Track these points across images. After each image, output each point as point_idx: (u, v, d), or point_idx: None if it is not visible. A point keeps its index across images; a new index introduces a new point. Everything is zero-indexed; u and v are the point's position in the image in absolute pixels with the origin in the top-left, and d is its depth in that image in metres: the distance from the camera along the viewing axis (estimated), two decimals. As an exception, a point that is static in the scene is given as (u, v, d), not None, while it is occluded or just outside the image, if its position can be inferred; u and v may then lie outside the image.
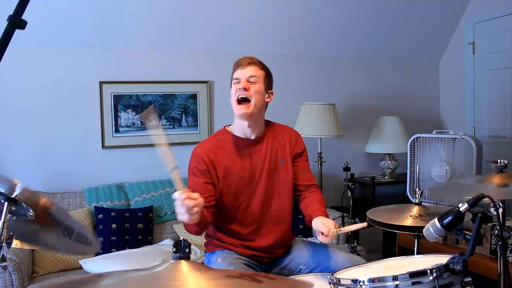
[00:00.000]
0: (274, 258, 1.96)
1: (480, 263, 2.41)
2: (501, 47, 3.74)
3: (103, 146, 3.23)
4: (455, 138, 3.02)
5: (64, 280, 0.92)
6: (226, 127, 1.97)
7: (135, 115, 3.31)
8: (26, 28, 0.84)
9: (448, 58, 4.32)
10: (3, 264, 1.17)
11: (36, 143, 3.06)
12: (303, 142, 2.03)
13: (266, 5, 3.39)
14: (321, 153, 3.59)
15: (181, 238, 0.99)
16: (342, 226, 3.03)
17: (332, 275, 1.35)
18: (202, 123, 3.50)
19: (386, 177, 3.86)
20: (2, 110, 2.97)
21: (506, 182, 1.51)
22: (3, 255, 1.17)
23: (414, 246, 1.94)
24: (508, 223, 2.25)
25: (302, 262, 1.92)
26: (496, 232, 1.35)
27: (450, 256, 1.25)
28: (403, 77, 4.27)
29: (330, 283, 1.33)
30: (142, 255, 2.67)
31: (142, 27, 3.20)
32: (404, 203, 2.05)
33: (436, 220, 1.33)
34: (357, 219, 2.53)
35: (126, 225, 2.86)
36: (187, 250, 0.97)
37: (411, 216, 1.87)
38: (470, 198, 1.29)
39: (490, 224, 2.52)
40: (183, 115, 3.46)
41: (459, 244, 2.66)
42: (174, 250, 0.97)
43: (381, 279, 1.23)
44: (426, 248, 2.52)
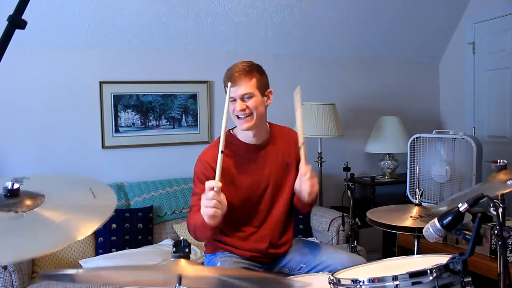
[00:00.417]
0: (275, 259, 1.96)
1: (480, 263, 2.41)
2: (501, 47, 3.74)
3: (103, 146, 3.23)
4: (455, 138, 3.02)
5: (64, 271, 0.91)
6: (230, 131, 1.94)
7: (135, 115, 3.31)
8: (26, 28, 0.84)
9: (448, 58, 4.32)
10: (3, 264, 1.17)
11: (36, 143, 3.06)
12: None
13: (266, 5, 3.39)
14: (321, 153, 3.59)
15: (181, 238, 0.99)
16: (342, 225, 3.03)
17: (332, 275, 1.35)
18: (202, 123, 3.50)
19: (386, 177, 3.86)
20: (2, 110, 2.97)
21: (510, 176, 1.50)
22: (3, 255, 1.17)
23: (414, 246, 1.93)
24: (508, 223, 2.25)
25: (302, 260, 1.93)
26: (496, 232, 1.35)
27: (450, 256, 1.25)
28: (403, 77, 4.27)
29: (330, 283, 1.33)
30: (142, 255, 2.67)
31: (142, 27, 3.20)
32: (404, 203, 2.05)
33: (436, 220, 1.33)
34: (357, 219, 2.53)
35: (126, 225, 2.86)
36: (187, 250, 0.98)
37: (411, 217, 1.87)
38: (470, 198, 1.29)
39: (490, 224, 2.52)
40: (183, 115, 3.46)
41: (459, 244, 2.66)
42: (174, 250, 0.97)
43: (381, 279, 1.23)
44: (426, 248, 2.51)
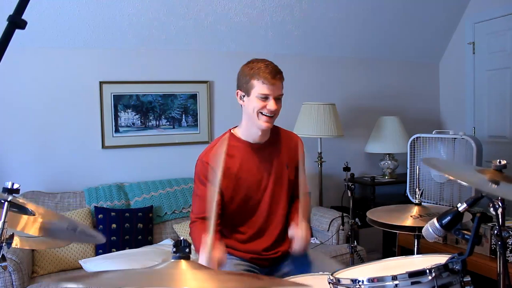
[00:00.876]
0: (274, 261, 1.95)
1: (479, 263, 2.41)
2: (501, 47, 3.74)
3: (103, 146, 3.23)
4: (455, 138, 3.02)
5: (65, 276, 0.92)
6: (231, 131, 1.92)
7: (135, 115, 3.32)
8: (26, 28, 0.84)
9: (448, 58, 4.33)
10: (3, 264, 1.17)
11: (36, 143, 3.07)
12: (304, 150, 2.03)
13: (266, 5, 3.39)
14: (321, 153, 3.59)
15: (181, 238, 0.99)
16: (342, 225, 3.03)
17: (331, 275, 1.35)
18: (202, 123, 3.50)
19: (386, 177, 3.86)
20: (2, 110, 2.98)
21: (496, 179, 1.50)
22: (3, 255, 1.17)
23: (414, 246, 1.94)
24: (507, 223, 2.25)
25: (303, 270, 1.92)
26: (495, 232, 1.35)
27: (450, 256, 1.25)
28: (403, 77, 4.27)
29: (329, 283, 1.33)
30: (142, 255, 2.67)
31: (142, 27, 3.21)
32: (404, 203, 2.05)
33: (435, 220, 1.33)
34: (357, 219, 2.53)
35: (126, 225, 2.86)
36: (187, 250, 0.98)
37: (412, 216, 1.87)
38: (469, 198, 1.29)
39: (490, 224, 2.52)
40: (183, 115, 3.46)
41: (459, 244, 2.66)
42: (174, 250, 0.97)
43: (380, 279, 1.23)
44: (426, 248, 2.52)
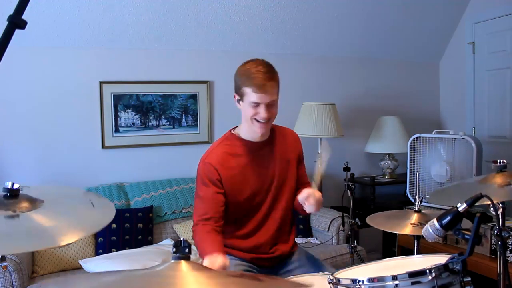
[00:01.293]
0: (274, 261, 1.95)
1: (480, 263, 2.41)
2: (501, 47, 3.74)
3: (103, 146, 3.23)
4: (455, 138, 3.02)
5: (64, 278, 0.92)
6: (231, 131, 1.93)
7: (135, 115, 3.32)
8: (26, 28, 0.84)
9: (448, 58, 4.33)
10: (3, 264, 1.17)
11: (36, 143, 3.07)
12: (301, 144, 2.07)
13: (266, 5, 3.39)
14: (321, 153, 3.59)
15: (181, 238, 0.99)
16: (342, 225, 3.03)
17: (331, 275, 1.35)
18: (202, 123, 3.50)
19: (386, 177, 3.86)
20: (2, 110, 2.97)
21: (507, 182, 1.51)
22: (3, 255, 1.17)
23: (414, 246, 1.93)
24: (507, 223, 2.25)
25: (304, 264, 1.92)
26: (495, 232, 1.35)
27: (450, 256, 1.25)
28: (403, 77, 4.27)
29: (329, 283, 1.33)
30: (142, 255, 2.67)
31: (142, 27, 3.21)
32: (404, 203, 2.06)
33: (435, 220, 1.33)
34: (357, 219, 2.53)
35: (126, 225, 2.86)
36: (187, 250, 0.97)
37: (411, 224, 1.87)
38: (469, 198, 1.29)
39: (490, 224, 2.52)
40: (183, 115, 3.46)
41: (459, 244, 2.66)
42: (174, 250, 0.97)
43: (380, 279, 1.23)
44: (426, 248, 2.52)
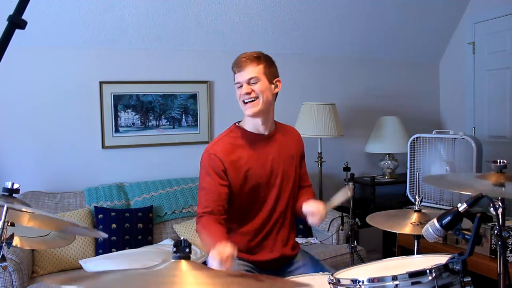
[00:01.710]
0: (277, 261, 1.95)
1: (480, 263, 2.41)
2: (501, 47, 3.74)
3: (103, 146, 3.23)
4: (455, 138, 3.02)
5: (65, 276, 0.92)
6: (236, 124, 1.93)
7: (135, 115, 3.32)
8: (26, 28, 0.84)
9: (448, 58, 4.32)
10: (3, 264, 1.17)
11: (36, 143, 3.07)
12: (303, 143, 2.08)
13: (266, 5, 3.39)
14: (321, 153, 3.59)
15: (181, 238, 0.99)
16: (342, 225, 3.03)
17: (331, 275, 1.35)
18: (202, 123, 3.50)
19: (386, 177, 3.86)
20: (2, 110, 2.97)
21: (501, 181, 1.51)
22: (3, 255, 1.17)
23: (414, 246, 1.93)
24: (507, 223, 2.25)
25: (308, 265, 1.92)
26: (496, 232, 1.35)
27: (450, 256, 1.25)
28: (403, 77, 4.27)
29: (329, 283, 1.33)
30: (142, 255, 2.67)
31: (142, 27, 3.20)
32: (404, 203, 2.06)
33: (435, 220, 1.33)
34: (357, 219, 2.53)
35: (126, 225, 2.86)
36: (187, 250, 0.97)
37: (411, 223, 1.87)
38: (469, 198, 1.29)
39: (490, 224, 2.52)
40: (183, 115, 3.46)
41: (459, 244, 2.66)
42: (174, 250, 0.97)
43: (380, 279, 1.23)
44: (426, 248, 2.52)
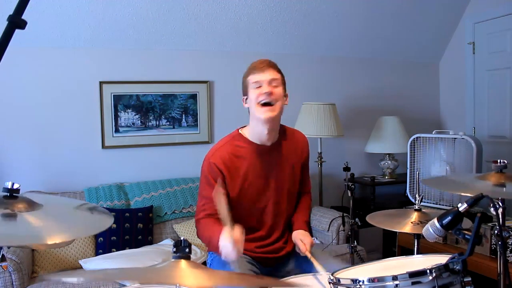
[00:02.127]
0: (279, 260, 1.96)
1: (480, 263, 2.41)
2: (501, 47, 3.74)
3: (103, 146, 3.23)
4: (455, 138, 3.02)
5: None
6: (239, 131, 1.92)
7: (135, 115, 3.32)
8: (26, 28, 0.84)
9: (448, 58, 4.32)
10: (3, 264, 1.17)
11: (36, 143, 3.07)
12: (309, 149, 2.06)
13: (266, 5, 3.39)
14: (321, 153, 3.59)
15: (181, 238, 0.99)
16: (342, 225, 3.03)
17: (332, 275, 1.35)
18: (202, 123, 3.50)
19: (386, 177, 3.86)
20: (2, 110, 2.97)
21: (502, 181, 1.51)
22: (3, 255, 1.17)
23: (414, 246, 1.93)
24: (508, 223, 2.25)
25: (306, 269, 1.92)
26: (496, 232, 1.35)
27: (450, 256, 1.25)
28: (403, 77, 4.27)
29: (330, 283, 1.33)
30: (142, 255, 2.67)
31: (142, 27, 3.20)
32: (404, 203, 2.06)
33: (435, 220, 1.33)
34: (357, 219, 2.53)
35: (126, 225, 2.86)
36: (187, 250, 0.98)
37: (412, 222, 1.87)
38: (469, 198, 1.29)
39: (490, 224, 2.52)
40: (183, 115, 3.46)
41: (459, 244, 2.66)
42: (174, 250, 0.97)
43: (380, 279, 1.23)
44: (426, 248, 2.52)
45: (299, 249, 1.85)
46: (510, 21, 3.62)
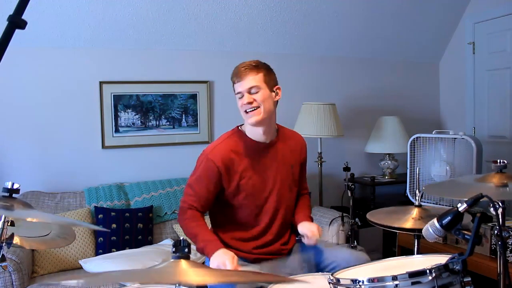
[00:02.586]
0: (277, 260, 1.95)
1: (480, 263, 2.41)
2: (501, 47, 3.74)
3: (103, 146, 3.23)
4: (455, 138, 3.02)
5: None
6: (239, 128, 1.93)
7: (135, 115, 3.32)
8: (26, 28, 0.84)
9: (448, 58, 4.32)
10: (3, 264, 1.17)
11: (36, 143, 3.07)
12: (307, 150, 2.08)
13: (266, 5, 3.39)
14: (321, 153, 3.59)
15: (181, 238, 0.99)
16: (342, 225, 3.03)
17: (331, 275, 1.35)
18: (202, 123, 3.50)
19: (386, 177, 3.86)
20: (2, 110, 2.97)
21: (504, 182, 1.51)
22: (3, 255, 1.17)
23: (414, 246, 1.93)
24: (507, 223, 2.25)
25: (305, 260, 1.93)
26: (496, 232, 1.35)
27: (450, 256, 1.25)
28: (403, 77, 4.27)
29: (329, 283, 1.33)
30: (142, 255, 2.67)
31: (142, 27, 3.20)
32: (404, 203, 2.06)
33: (435, 220, 1.33)
34: (357, 219, 2.53)
35: (126, 225, 2.86)
36: (187, 250, 0.98)
37: (413, 218, 1.87)
38: (469, 198, 1.29)
39: (490, 224, 2.52)
40: (183, 115, 3.46)
41: (459, 244, 2.66)
42: (174, 250, 0.97)
43: (380, 279, 1.23)
44: (426, 248, 2.52)
45: (307, 238, 1.84)
46: (510, 21, 3.62)
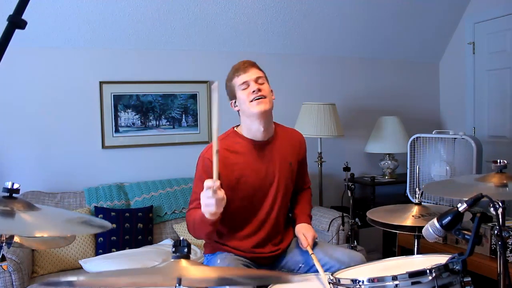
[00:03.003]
0: (275, 259, 1.96)
1: (480, 263, 2.41)
2: (501, 47, 3.74)
3: (103, 146, 3.23)
4: (455, 138, 3.02)
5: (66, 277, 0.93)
6: (234, 128, 1.94)
7: (135, 115, 3.32)
8: (26, 28, 0.85)
9: (448, 58, 4.32)
10: (3, 264, 1.17)
11: (36, 143, 3.06)
12: (306, 146, 2.08)
13: (266, 5, 3.39)
14: (321, 153, 3.59)
15: (181, 238, 0.99)
16: (342, 225, 3.03)
17: (331, 275, 1.36)
18: (202, 123, 3.50)
19: (386, 177, 3.86)
20: (2, 110, 2.97)
21: (504, 182, 1.51)
22: (3, 255, 1.17)
23: (414, 246, 1.93)
24: (507, 223, 2.25)
25: (301, 260, 1.93)
26: (496, 232, 1.35)
27: (450, 256, 1.26)
28: (403, 77, 4.27)
29: (329, 283, 1.33)
30: (142, 255, 2.67)
31: (142, 27, 3.20)
32: (404, 203, 2.05)
33: (435, 220, 1.33)
34: (357, 219, 2.53)
35: (126, 225, 2.86)
36: (187, 250, 0.98)
37: (413, 216, 1.87)
38: (469, 198, 1.29)
39: (490, 224, 2.52)
40: (183, 115, 3.46)
41: (459, 244, 2.66)
42: (174, 250, 0.97)
43: (380, 279, 1.23)
44: (426, 248, 2.52)
45: (301, 243, 1.86)
46: (510, 21, 3.62)
